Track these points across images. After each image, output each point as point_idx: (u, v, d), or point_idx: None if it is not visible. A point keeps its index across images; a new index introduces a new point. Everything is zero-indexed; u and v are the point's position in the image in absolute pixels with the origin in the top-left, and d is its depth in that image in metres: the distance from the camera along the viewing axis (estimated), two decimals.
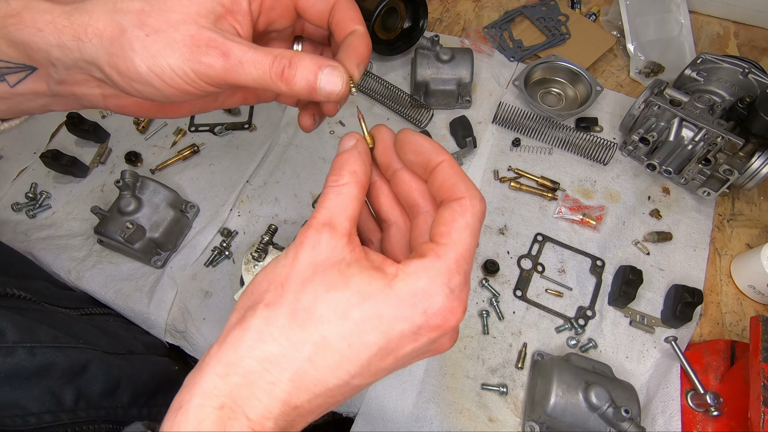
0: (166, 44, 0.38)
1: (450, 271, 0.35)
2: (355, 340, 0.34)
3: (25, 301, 0.68)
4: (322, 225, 0.36)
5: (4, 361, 0.54)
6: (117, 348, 0.71)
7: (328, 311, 0.34)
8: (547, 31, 1.13)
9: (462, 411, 0.75)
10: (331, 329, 0.33)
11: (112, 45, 0.38)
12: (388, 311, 0.34)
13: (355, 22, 0.45)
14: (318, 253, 0.35)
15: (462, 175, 0.39)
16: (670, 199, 0.94)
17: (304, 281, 0.35)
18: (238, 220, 0.90)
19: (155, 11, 0.39)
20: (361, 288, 0.34)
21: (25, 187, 0.94)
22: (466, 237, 0.36)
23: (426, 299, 0.34)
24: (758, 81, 0.89)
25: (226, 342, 0.34)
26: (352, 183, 0.38)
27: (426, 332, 0.35)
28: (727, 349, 0.78)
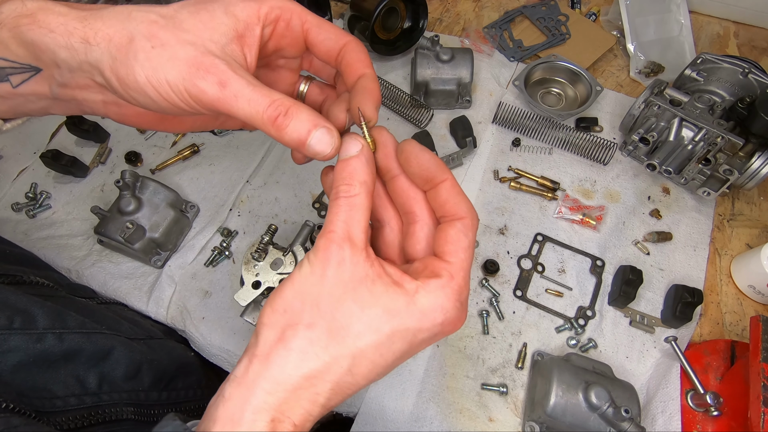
0: (168, 59, 0.39)
1: (460, 287, 0.40)
2: (386, 350, 0.39)
3: (50, 288, 0.70)
4: (343, 240, 0.39)
5: (34, 346, 0.56)
6: (138, 333, 0.72)
7: (363, 328, 0.38)
8: (547, 31, 1.13)
9: (462, 411, 0.75)
10: (366, 343, 0.38)
11: (118, 51, 0.39)
12: (412, 324, 0.39)
13: (365, 65, 0.46)
14: (344, 270, 0.39)
15: (463, 195, 0.43)
16: (670, 199, 0.94)
17: (337, 300, 0.39)
18: (238, 220, 0.90)
19: (168, 26, 0.40)
20: (389, 305, 0.39)
21: (25, 187, 0.94)
22: (470, 254, 0.42)
23: (443, 313, 0.39)
24: (758, 81, 0.89)
25: (270, 360, 0.38)
26: (363, 194, 0.41)
27: (439, 336, 0.41)
28: (727, 349, 0.78)
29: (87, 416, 0.58)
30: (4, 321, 0.54)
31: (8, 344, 0.54)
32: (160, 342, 0.76)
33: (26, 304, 0.57)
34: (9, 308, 0.55)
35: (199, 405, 0.74)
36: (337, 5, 1.18)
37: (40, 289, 0.69)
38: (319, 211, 0.92)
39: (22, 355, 0.55)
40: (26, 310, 0.57)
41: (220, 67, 0.39)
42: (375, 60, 1.08)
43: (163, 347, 0.75)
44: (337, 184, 0.41)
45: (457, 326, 0.41)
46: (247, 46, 0.42)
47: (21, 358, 0.54)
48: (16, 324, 0.55)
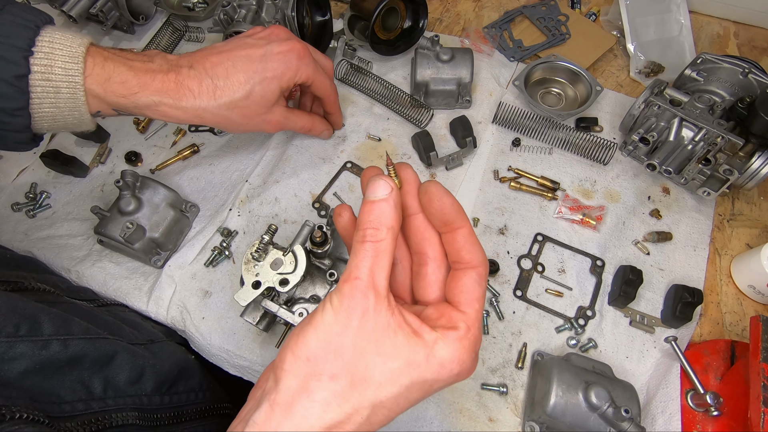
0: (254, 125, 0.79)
1: (476, 339, 0.42)
2: (403, 400, 0.41)
3: (51, 294, 0.71)
4: (368, 288, 0.40)
5: (40, 353, 0.56)
6: (138, 338, 0.73)
7: (385, 380, 0.39)
8: (547, 31, 1.13)
9: (462, 411, 0.75)
10: (385, 394, 0.39)
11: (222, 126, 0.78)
12: (430, 376, 0.40)
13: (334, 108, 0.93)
14: (368, 320, 0.40)
15: (478, 244, 0.44)
16: (670, 199, 0.94)
17: (361, 351, 0.39)
18: (238, 220, 0.90)
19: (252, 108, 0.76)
20: (409, 357, 0.40)
21: (25, 187, 0.94)
22: (483, 304, 0.43)
23: (460, 365, 0.41)
24: (758, 81, 0.89)
25: (293, 410, 0.38)
26: (389, 239, 0.41)
27: (451, 383, 0.42)
28: (727, 349, 0.78)
29: (94, 421, 0.59)
30: (10, 328, 0.54)
31: (14, 351, 0.54)
32: (161, 345, 0.76)
33: (32, 311, 0.57)
34: (16, 315, 0.55)
35: (200, 408, 0.74)
36: (337, 5, 1.18)
37: (42, 295, 0.69)
38: (319, 211, 0.92)
39: (29, 362, 0.55)
40: (32, 317, 0.57)
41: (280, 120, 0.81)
42: (375, 60, 1.08)
43: (164, 350, 0.75)
44: (364, 226, 0.41)
45: (470, 374, 0.43)
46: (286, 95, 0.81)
47: (27, 365, 0.55)
48: (22, 331, 0.55)
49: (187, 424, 0.71)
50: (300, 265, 0.64)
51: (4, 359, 0.53)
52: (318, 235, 0.65)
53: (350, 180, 0.95)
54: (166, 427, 0.68)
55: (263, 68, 0.72)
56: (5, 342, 0.53)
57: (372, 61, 1.08)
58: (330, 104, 0.89)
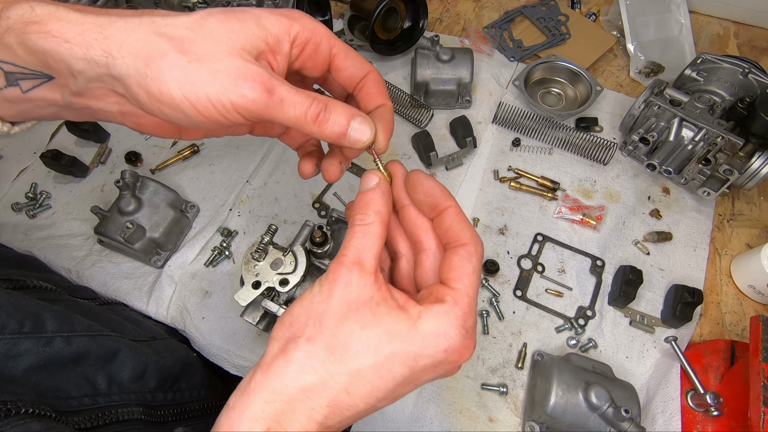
0: (209, 73, 0.38)
1: (465, 314, 0.40)
2: (385, 372, 0.39)
3: (54, 292, 0.71)
4: (353, 264, 0.40)
5: (44, 350, 0.56)
6: (141, 335, 0.73)
7: (363, 347, 0.39)
8: (547, 31, 1.13)
9: (462, 411, 0.75)
10: (364, 363, 0.38)
11: (148, 66, 0.38)
12: (413, 349, 0.39)
13: (385, 97, 0.48)
14: (350, 292, 0.40)
15: (467, 222, 0.44)
16: (670, 199, 0.94)
17: (339, 318, 0.39)
18: (238, 220, 0.90)
19: (200, 40, 0.39)
20: (390, 327, 0.39)
21: (25, 187, 0.94)
22: (475, 280, 0.42)
23: (446, 339, 0.39)
24: (758, 81, 0.89)
25: (270, 370, 0.38)
26: (377, 222, 0.43)
27: (443, 365, 0.41)
28: (727, 349, 0.78)
29: (101, 416, 0.59)
30: (14, 325, 0.55)
31: (19, 348, 0.54)
32: (163, 342, 0.76)
33: (35, 308, 0.58)
34: (20, 312, 0.56)
35: (202, 405, 0.75)
36: (337, 5, 1.18)
37: (44, 293, 0.69)
38: (319, 211, 0.92)
39: (33, 358, 0.55)
40: (36, 314, 0.57)
41: (264, 75, 0.39)
42: (375, 60, 1.08)
43: (166, 347, 0.75)
44: (354, 213, 0.44)
45: (464, 355, 0.41)
46: (275, 60, 0.42)
47: (32, 361, 0.55)
48: (26, 328, 0.56)
49: (190, 421, 0.72)
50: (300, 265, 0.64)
51: (9, 356, 0.54)
52: (318, 235, 0.65)
53: (350, 180, 0.95)
54: (170, 423, 0.68)
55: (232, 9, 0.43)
56: (9, 339, 0.54)
57: (372, 61, 1.08)
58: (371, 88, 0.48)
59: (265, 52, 0.42)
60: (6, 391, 0.50)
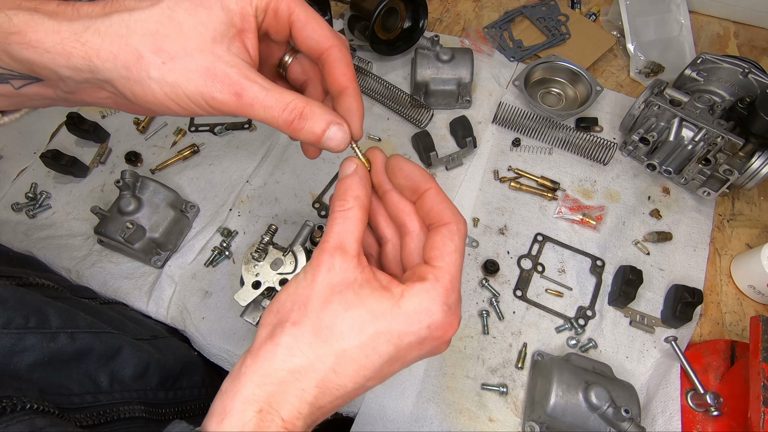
0: (182, 73, 0.39)
1: (447, 290, 0.41)
2: (370, 351, 0.39)
3: (55, 290, 0.71)
4: (334, 248, 0.41)
5: (48, 345, 0.56)
6: (142, 333, 0.73)
7: (347, 328, 0.39)
8: (547, 31, 1.13)
9: (462, 411, 0.75)
10: (349, 343, 0.39)
11: (128, 71, 0.39)
12: (397, 326, 0.40)
13: (348, 79, 0.46)
14: (333, 276, 0.41)
15: (447, 202, 0.45)
16: (670, 199, 0.94)
17: (324, 301, 0.40)
18: (238, 220, 0.90)
19: (171, 35, 0.39)
20: (374, 307, 0.40)
21: (25, 187, 0.94)
22: (457, 258, 0.43)
23: (429, 316, 0.40)
24: (758, 81, 0.89)
25: (259, 355, 0.39)
26: (356, 207, 0.43)
27: (428, 342, 0.41)
28: (727, 349, 0.78)
29: (103, 413, 0.59)
30: (20, 320, 0.55)
31: (24, 343, 0.54)
32: (164, 341, 0.76)
33: (39, 304, 0.58)
34: (25, 307, 0.56)
35: (203, 404, 0.75)
36: (337, 5, 1.18)
37: (46, 291, 0.69)
38: (319, 211, 0.92)
39: (38, 354, 0.55)
40: (40, 310, 0.57)
41: (233, 76, 0.40)
42: (375, 60, 1.08)
43: (167, 346, 0.75)
44: (334, 200, 0.45)
45: (447, 332, 0.41)
46: (247, 38, 0.43)
47: (36, 357, 0.55)
48: (31, 323, 0.56)
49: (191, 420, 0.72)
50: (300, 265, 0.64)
51: (15, 351, 0.54)
52: (318, 235, 0.65)
53: None
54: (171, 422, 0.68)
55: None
56: (15, 334, 0.54)
57: (372, 61, 1.08)
58: (334, 65, 0.45)
59: (236, 36, 0.42)
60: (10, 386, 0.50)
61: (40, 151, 0.95)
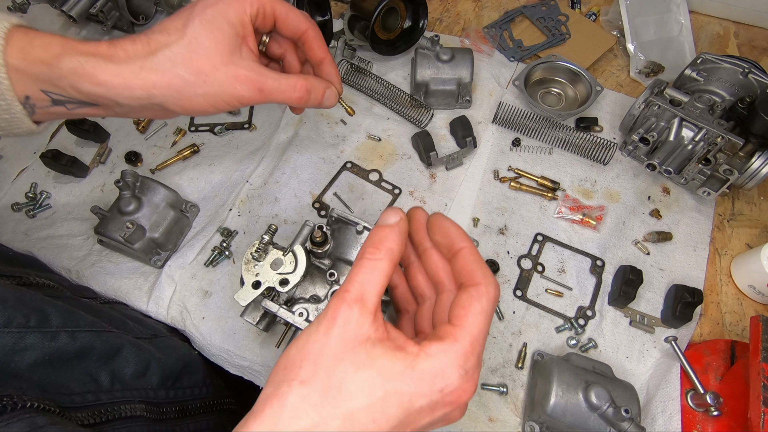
0: (218, 85, 0.54)
1: (465, 353, 0.39)
2: (379, 415, 0.37)
3: (55, 289, 0.71)
4: (354, 300, 0.40)
5: (49, 344, 0.57)
6: (143, 332, 0.73)
7: (356, 389, 0.38)
8: (547, 31, 1.13)
9: None
10: (357, 405, 0.37)
11: (180, 93, 0.53)
12: (408, 389, 0.38)
13: (324, 51, 0.63)
14: (348, 330, 0.39)
15: (480, 262, 0.43)
16: (670, 199, 0.94)
17: (335, 359, 0.38)
18: (238, 220, 0.90)
19: (202, 58, 0.53)
20: (385, 368, 0.38)
21: (25, 187, 0.94)
22: (481, 321, 0.41)
23: (443, 379, 0.38)
24: (758, 81, 0.89)
25: (263, 414, 0.37)
26: (387, 260, 0.42)
27: (441, 408, 0.39)
28: (727, 349, 0.78)
29: (104, 412, 0.59)
30: (20, 319, 0.55)
31: (24, 342, 0.55)
32: (165, 340, 0.77)
33: (40, 303, 0.58)
34: (25, 307, 0.56)
35: (204, 403, 0.75)
36: (337, 5, 1.18)
37: (46, 290, 0.70)
38: (319, 211, 0.92)
39: (38, 353, 0.55)
40: (41, 309, 0.58)
41: (252, 77, 0.55)
42: (375, 60, 1.08)
43: (168, 345, 0.76)
44: (365, 246, 0.43)
45: (462, 398, 0.39)
46: (249, 40, 0.57)
47: (37, 356, 0.55)
48: (32, 322, 0.56)
49: (192, 419, 0.72)
50: (300, 265, 0.64)
51: (15, 350, 0.54)
52: (318, 235, 0.65)
53: (350, 180, 0.95)
54: (172, 421, 0.68)
55: (200, 8, 0.55)
56: (16, 333, 0.54)
57: (372, 61, 1.08)
58: (313, 45, 0.62)
59: (243, 42, 0.56)
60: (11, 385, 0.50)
61: (40, 151, 0.95)
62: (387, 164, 0.97)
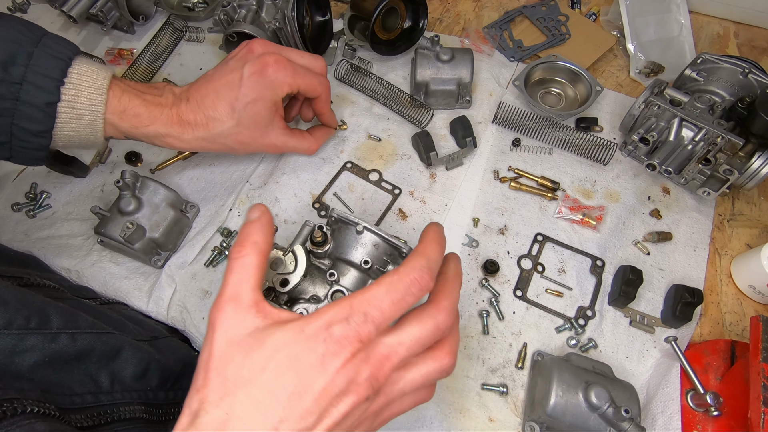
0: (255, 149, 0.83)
1: (352, 307, 0.41)
2: (274, 385, 0.38)
3: (56, 290, 0.71)
4: (228, 301, 0.43)
5: (49, 346, 0.57)
6: (142, 334, 0.74)
7: (250, 372, 0.39)
8: (547, 31, 1.13)
9: (462, 411, 0.75)
10: (254, 386, 0.38)
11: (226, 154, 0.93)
12: (298, 349, 0.39)
13: (326, 108, 0.87)
14: (228, 329, 0.41)
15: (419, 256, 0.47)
16: (670, 199, 0.94)
17: (222, 358, 0.40)
18: (238, 220, 0.90)
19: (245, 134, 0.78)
20: (276, 342, 0.40)
21: (25, 187, 0.94)
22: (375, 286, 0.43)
23: (328, 329, 0.40)
24: (758, 81, 0.89)
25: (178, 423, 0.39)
26: (254, 254, 0.45)
27: (330, 359, 0.39)
28: (727, 349, 0.78)
29: (104, 414, 0.60)
30: (21, 321, 0.55)
31: (25, 344, 0.55)
32: (165, 341, 0.77)
33: (41, 305, 0.58)
34: (26, 308, 0.56)
35: None
36: (337, 5, 1.18)
37: (47, 291, 0.70)
38: (319, 211, 0.92)
39: (39, 354, 0.56)
40: (41, 310, 0.58)
41: (278, 144, 0.83)
42: (375, 60, 1.08)
43: (168, 346, 0.76)
44: (233, 247, 0.46)
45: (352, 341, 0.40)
46: (280, 112, 0.81)
47: (37, 357, 0.55)
48: (32, 324, 0.56)
49: None
50: (300, 266, 0.64)
51: (16, 351, 0.54)
52: (318, 235, 0.65)
53: (350, 180, 0.95)
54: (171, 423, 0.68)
55: (243, 94, 0.73)
56: (17, 334, 0.54)
57: (372, 61, 1.08)
58: (320, 104, 0.85)
59: (276, 113, 0.79)
60: (12, 387, 0.50)
61: None
62: (387, 164, 0.97)
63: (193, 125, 0.74)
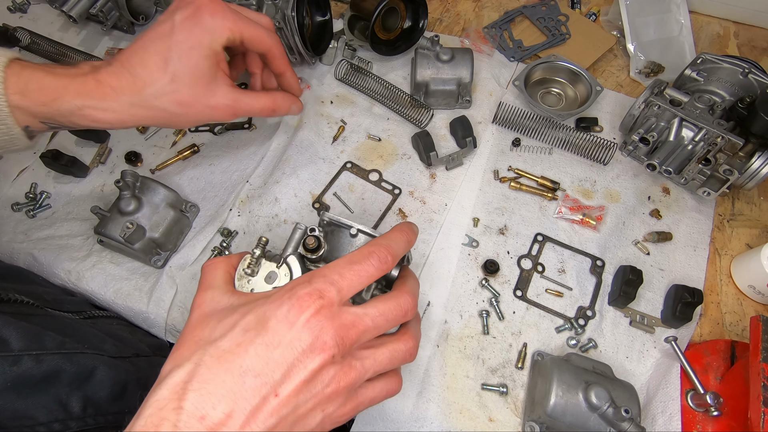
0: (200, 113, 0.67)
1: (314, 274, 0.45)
2: (241, 339, 0.40)
3: (29, 306, 0.67)
4: (205, 289, 0.50)
5: (10, 370, 0.53)
6: (123, 351, 0.70)
7: (221, 332, 0.42)
8: (547, 31, 1.13)
9: (462, 411, 0.75)
10: (223, 340, 0.41)
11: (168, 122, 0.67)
12: (265, 308, 0.42)
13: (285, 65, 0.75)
14: (206, 307, 0.47)
15: None
16: (670, 199, 0.94)
17: (198, 325, 0.45)
18: (238, 220, 0.90)
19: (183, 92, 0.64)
20: (246, 308, 0.43)
21: (25, 187, 0.94)
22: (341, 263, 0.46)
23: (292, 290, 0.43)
24: (758, 81, 0.89)
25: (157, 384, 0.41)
26: (224, 259, 0.55)
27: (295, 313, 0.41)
28: (727, 349, 0.78)
29: None
30: None
31: None
32: (146, 359, 0.74)
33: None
34: None
35: None
36: (337, 5, 1.18)
37: (18, 307, 0.65)
38: (319, 211, 0.92)
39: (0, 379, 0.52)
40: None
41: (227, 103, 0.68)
42: (375, 60, 1.08)
43: (150, 365, 0.73)
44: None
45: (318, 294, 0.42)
46: (223, 66, 0.68)
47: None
48: None
49: None
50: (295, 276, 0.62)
51: None
52: (311, 242, 0.62)
53: (350, 180, 0.95)
54: None
55: (177, 41, 0.61)
56: None
57: (372, 61, 1.08)
58: (275, 61, 0.72)
59: (218, 69, 0.66)
60: None
61: (40, 151, 0.95)
62: (387, 164, 0.97)
63: (117, 90, 0.60)
